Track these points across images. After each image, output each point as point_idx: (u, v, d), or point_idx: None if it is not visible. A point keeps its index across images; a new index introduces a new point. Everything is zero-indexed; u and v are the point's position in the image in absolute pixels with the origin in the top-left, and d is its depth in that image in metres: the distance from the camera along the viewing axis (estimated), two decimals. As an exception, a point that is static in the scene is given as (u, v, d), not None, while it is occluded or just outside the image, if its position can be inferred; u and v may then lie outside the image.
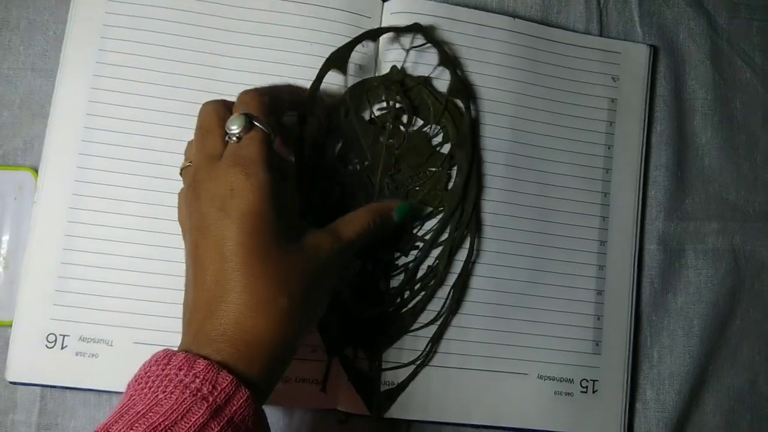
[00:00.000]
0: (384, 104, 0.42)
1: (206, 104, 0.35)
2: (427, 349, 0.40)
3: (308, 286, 0.31)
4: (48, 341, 0.38)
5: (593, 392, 0.42)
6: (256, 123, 0.33)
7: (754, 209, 0.46)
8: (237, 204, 0.30)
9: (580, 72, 0.44)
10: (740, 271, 0.45)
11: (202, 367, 0.27)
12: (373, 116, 0.42)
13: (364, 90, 0.41)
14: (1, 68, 0.42)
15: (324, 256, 0.33)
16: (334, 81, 0.41)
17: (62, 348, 0.38)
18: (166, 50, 0.41)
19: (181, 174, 0.36)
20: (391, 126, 0.41)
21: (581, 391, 0.42)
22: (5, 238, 0.40)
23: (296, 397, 0.39)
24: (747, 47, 0.47)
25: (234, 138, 0.33)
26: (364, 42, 0.42)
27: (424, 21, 0.42)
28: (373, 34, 0.41)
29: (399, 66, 0.42)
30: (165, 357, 0.28)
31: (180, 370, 0.27)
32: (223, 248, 0.30)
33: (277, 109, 0.37)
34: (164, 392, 0.26)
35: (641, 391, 0.44)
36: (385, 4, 0.43)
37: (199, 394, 0.26)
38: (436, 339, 0.40)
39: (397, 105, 0.41)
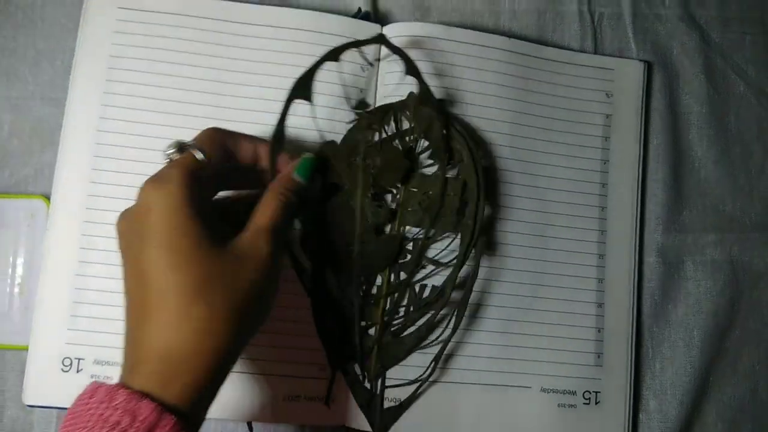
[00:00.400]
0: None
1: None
2: (431, 368, 0.41)
3: (233, 290, 0.30)
4: (63, 365, 0.39)
5: (596, 404, 0.43)
6: (188, 147, 0.33)
7: (750, 220, 0.47)
8: (151, 221, 0.30)
9: (574, 89, 0.45)
10: (738, 282, 0.46)
11: (122, 398, 0.26)
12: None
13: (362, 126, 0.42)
14: (10, 97, 0.44)
15: (248, 253, 0.31)
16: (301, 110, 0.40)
17: (78, 371, 0.39)
18: (172, 79, 0.42)
19: None
20: (363, 143, 0.41)
21: (584, 403, 0.43)
22: (20, 263, 0.42)
23: (304, 415, 0.40)
24: (740, 61, 0.48)
25: (167, 160, 0.33)
26: (364, 66, 0.43)
27: (421, 43, 0.43)
28: (334, 54, 0.40)
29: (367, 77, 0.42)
30: (90, 391, 0.27)
31: (101, 403, 0.26)
32: (141, 267, 0.29)
33: (234, 146, 0.36)
34: (85, 428, 0.26)
35: (644, 402, 0.44)
36: (384, 28, 0.44)
37: (118, 427, 0.26)
38: (440, 357, 0.41)
39: (372, 125, 0.41)
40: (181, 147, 0.33)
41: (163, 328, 0.28)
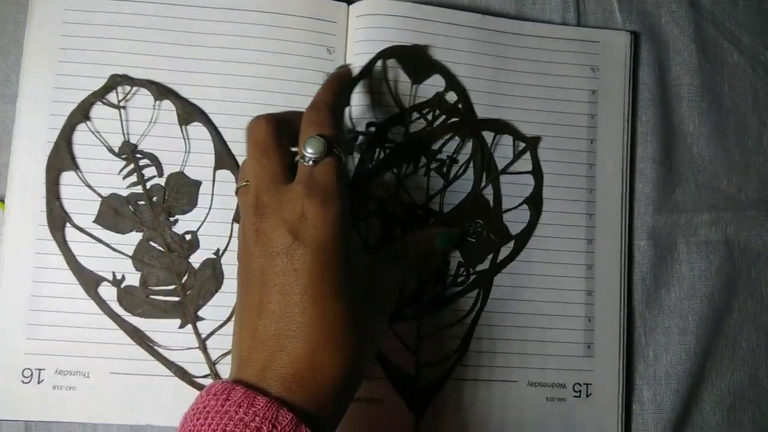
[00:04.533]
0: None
1: (258, 119, 0.32)
2: (459, 345, 0.40)
3: (374, 320, 0.31)
4: (24, 376, 0.37)
5: (587, 396, 0.41)
6: (333, 148, 0.31)
7: (747, 197, 0.44)
8: (312, 233, 0.29)
9: (557, 65, 0.43)
10: (735, 263, 0.43)
11: (261, 404, 0.26)
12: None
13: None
14: (-36, 96, 0.41)
15: (387, 287, 0.33)
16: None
17: (39, 382, 0.37)
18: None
19: (236, 194, 0.35)
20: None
21: (574, 396, 0.41)
22: (-22, 271, 0.40)
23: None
24: (733, 27, 0.45)
25: (310, 162, 0.31)
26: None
27: (390, 22, 0.41)
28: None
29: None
30: (224, 391, 0.27)
31: (240, 407, 0.26)
32: (294, 278, 0.29)
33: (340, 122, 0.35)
34: (224, 430, 0.26)
35: (637, 392, 0.42)
36: (350, 7, 0.42)
37: None
38: (471, 335, 0.40)
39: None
40: (328, 148, 0.31)
41: (319, 348, 0.28)
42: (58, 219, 0.38)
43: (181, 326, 0.39)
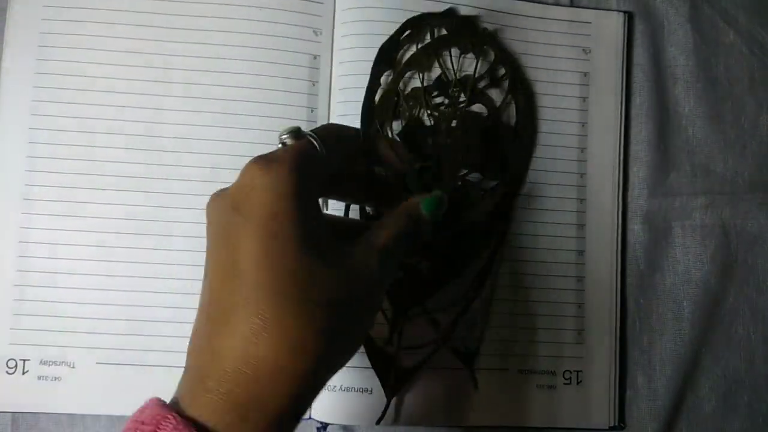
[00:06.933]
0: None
1: None
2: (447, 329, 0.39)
3: (334, 303, 0.25)
4: (8, 367, 0.37)
5: (578, 383, 0.40)
6: (306, 133, 0.28)
7: (743, 179, 0.43)
8: (251, 203, 0.24)
9: (548, 47, 0.42)
10: (731, 247, 0.43)
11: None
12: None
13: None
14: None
15: (356, 267, 0.27)
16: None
17: (23, 373, 0.37)
18: (107, 68, 0.39)
19: None
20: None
21: (564, 383, 0.40)
22: (-37, 261, 0.39)
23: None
24: (729, 6, 0.44)
25: (280, 144, 0.29)
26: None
27: (378, 2, 0.40)
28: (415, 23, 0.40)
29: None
30: (152, 421, 0.22)
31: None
32: (230, 257, 0.24)
33: (351, 146, 0.32)
34: None
35: (631, 379, 0.42)
36: (335, -8, 0.41)
37: None
38: (456, 322, 0.39)
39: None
40: (298, 133, 0.28)
41: (243, 336, 0.23)
42: None
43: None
